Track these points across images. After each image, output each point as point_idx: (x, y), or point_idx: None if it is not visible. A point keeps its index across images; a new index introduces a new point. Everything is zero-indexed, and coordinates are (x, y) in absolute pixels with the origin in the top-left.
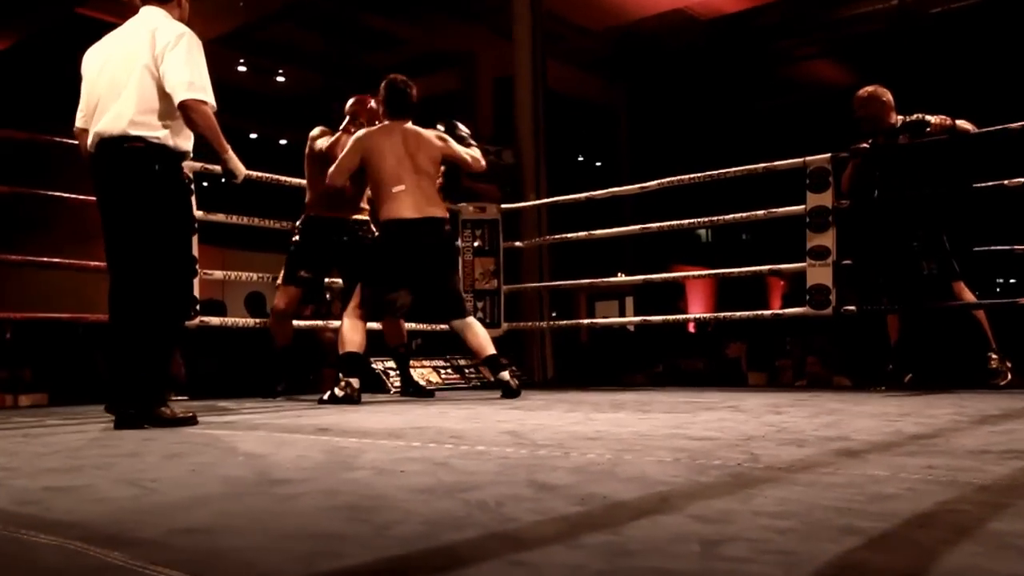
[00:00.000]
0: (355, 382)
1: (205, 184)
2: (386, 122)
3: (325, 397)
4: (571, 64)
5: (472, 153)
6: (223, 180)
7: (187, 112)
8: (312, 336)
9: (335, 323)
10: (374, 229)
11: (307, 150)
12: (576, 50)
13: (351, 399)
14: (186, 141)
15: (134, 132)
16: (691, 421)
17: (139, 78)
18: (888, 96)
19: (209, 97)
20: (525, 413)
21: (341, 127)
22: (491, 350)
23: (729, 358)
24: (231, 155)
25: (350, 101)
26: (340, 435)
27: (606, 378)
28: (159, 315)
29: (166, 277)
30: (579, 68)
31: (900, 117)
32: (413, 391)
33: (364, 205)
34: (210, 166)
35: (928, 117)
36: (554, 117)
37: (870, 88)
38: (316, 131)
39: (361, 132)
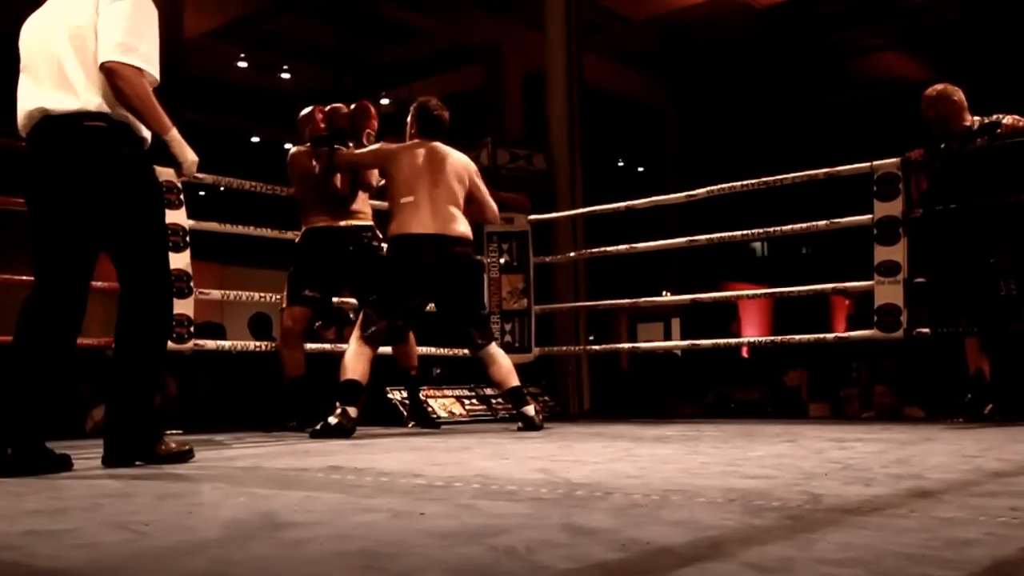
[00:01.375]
0: (352, 411)
1: (202, 193)
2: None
3: (318, 427)
4: (610, 58)
5: (493, 205)
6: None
7: (111, 78)
8: (330, 362)
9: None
10: (379, 234)
11: (291, 168)
12: (616, 42)
13: (343, 429)
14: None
15: (94, 108)
16: (745, 457)
17: (92, 45)
18: (959, 95)
19: (147, 65)
20: (559, 448)
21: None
22: (515, 381)
23: (788, 387)
24: (175, 135)
25: (307, 116)
26: (352, 473)
27: (649, 409)
28: (146, 333)
29: (144, 284)
30: (619, 62)
31: (977, 118)
32: (419, 420)
33: (365, 209)
34: (199, 175)
35: (1001, 117)
36: (591, 117)
37: (939, 86)
38: (295, 149)
39: (390, 147)
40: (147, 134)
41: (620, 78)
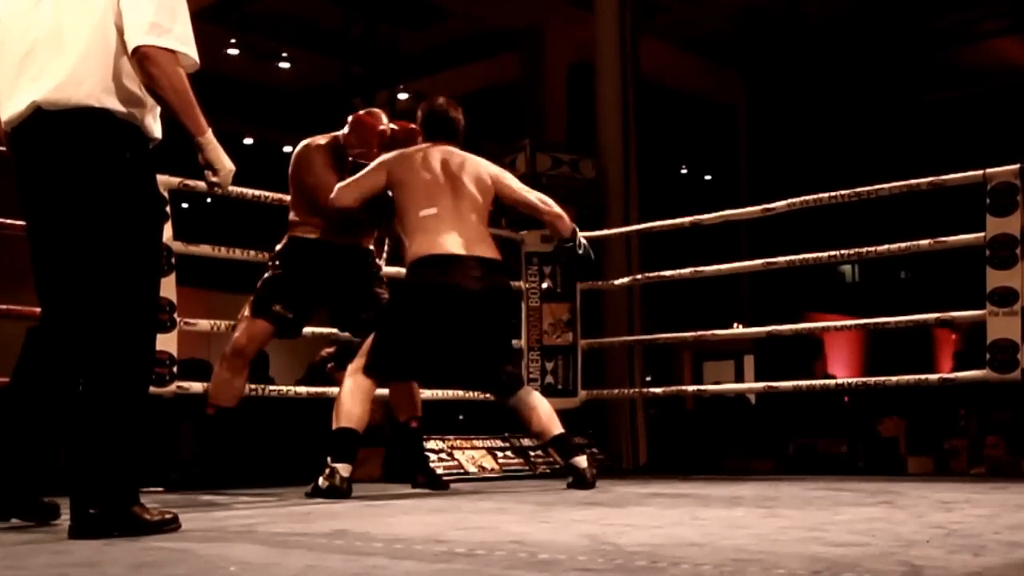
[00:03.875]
0: (344, 470)
1: (185, 206)
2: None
3: (308, 490)
4: (672, 45)
5: (539, 195)
6: (206, 185)
7: (144, 64)
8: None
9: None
10: (379, 263)
11: (299, 163)
12: (680, 26)
13: (337, 491)
14: (157, 123)
15: (95, 102)
16: (831, 521)
17: (97, 23)
18: None
19: (183, 46)
20: (609, 510)
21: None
22: (558, 428)
23: (883, 437)
24: (211, 139)
25: (373, 127)
26: (362, 539)
27: (717, 464)
28: (126, 373)
29: (130, 314)
30: (683, 50)
31: None
32: (424, 481)
33: (369, 233)
34: (191, 182)
35: None
36: (649, 115)
37: None
38: (313, 143)
39: (392, 158)
40: (157, 134)
41: (684, 69)
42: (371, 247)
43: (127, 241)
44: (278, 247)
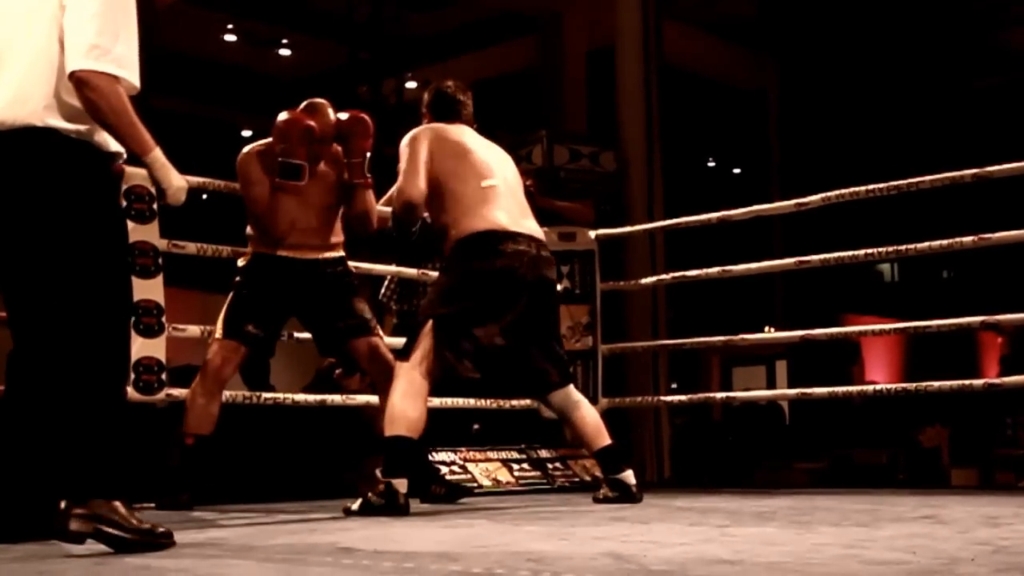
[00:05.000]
0: (401, 485)
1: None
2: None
3: (354, 507)
4: (698, 28)
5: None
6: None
7: (82, 89)
8: (358, 416)
9: (363, 398)
10: (351, 268)
11: (239, 173)
12: (706, 8)
13: (396, 508)
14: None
15: (42, 121)
16: (870, 538)
17: (41, 41)
18: None
19: (123, 71)
20: (632, 526)
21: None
22: (607, 439)
23: (924, 448)
24: (158, 156)
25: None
26: (370, 558)
27: (747, 476)
28: (96, 374)
29: (93, 327)
30: (710, 33)
31: None
32: (444, 494)
33: (336, 239)
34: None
35: None
36: (673, 104)
37: None
38: (247, 150)
39: (419, 130)
40: (114, 148)
41: (711, 53)
42: (342, 253)
43: (77, 257)
44: (241, 263)
